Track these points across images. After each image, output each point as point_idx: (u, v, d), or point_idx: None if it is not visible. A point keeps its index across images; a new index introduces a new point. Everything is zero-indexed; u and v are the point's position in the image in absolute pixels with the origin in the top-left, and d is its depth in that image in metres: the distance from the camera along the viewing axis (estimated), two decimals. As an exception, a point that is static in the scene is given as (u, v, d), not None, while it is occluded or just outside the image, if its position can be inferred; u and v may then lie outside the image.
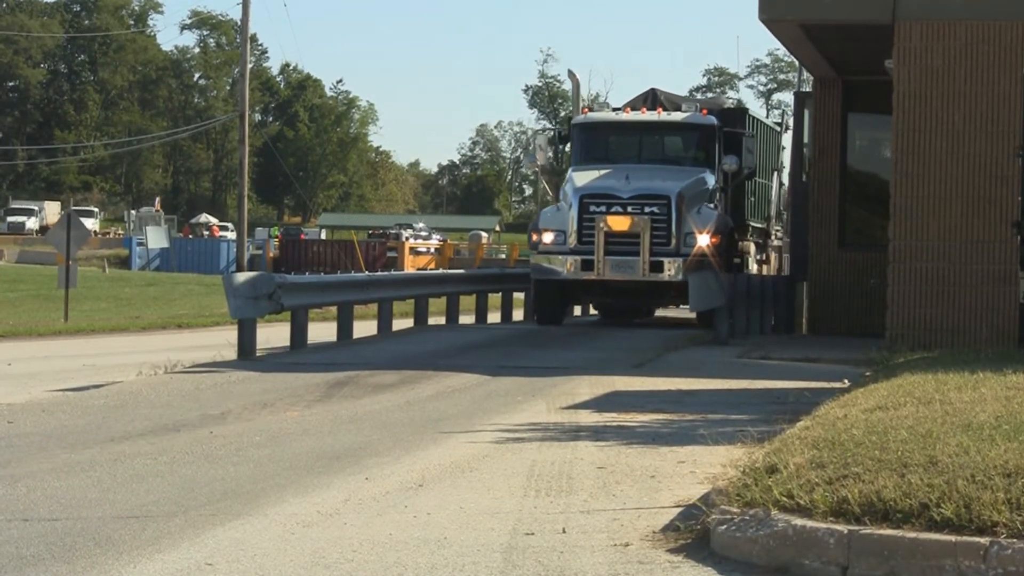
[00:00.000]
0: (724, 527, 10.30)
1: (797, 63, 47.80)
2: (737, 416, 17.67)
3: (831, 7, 28.75)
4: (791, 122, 44.67)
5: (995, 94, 26.97)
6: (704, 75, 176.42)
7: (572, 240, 35.89)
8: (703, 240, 35.52)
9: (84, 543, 10.85)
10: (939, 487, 9.87)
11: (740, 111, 43.09)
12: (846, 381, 20.42)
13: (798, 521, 9.95)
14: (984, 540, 9.32)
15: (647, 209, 35.66)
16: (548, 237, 36.35)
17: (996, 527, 9.38)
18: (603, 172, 37.47)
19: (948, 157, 27.63)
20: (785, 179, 47.57)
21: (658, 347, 29.90)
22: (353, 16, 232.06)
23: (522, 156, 46.65)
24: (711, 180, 37.83)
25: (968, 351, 21.45)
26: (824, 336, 34.34)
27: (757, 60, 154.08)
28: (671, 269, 35.59)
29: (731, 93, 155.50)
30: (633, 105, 40.66)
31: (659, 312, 44.08)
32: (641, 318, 42.06)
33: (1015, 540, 9.27)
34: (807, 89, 43.50)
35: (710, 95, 48.12)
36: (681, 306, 39.74)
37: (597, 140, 39.39)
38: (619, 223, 35.63)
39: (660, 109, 39.57)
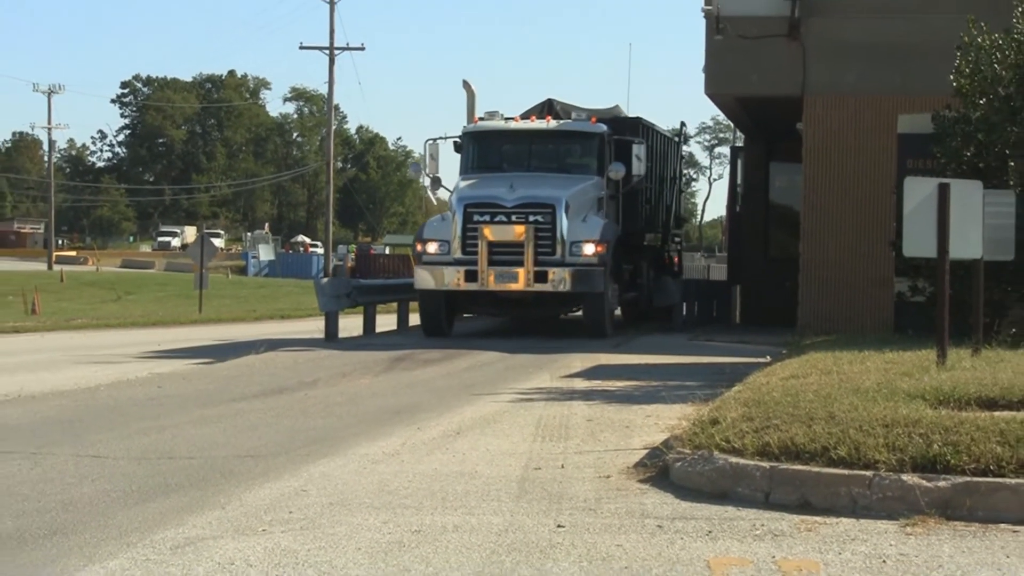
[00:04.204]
0: (679, 464, 10.29)
1: (733, 125, 47.76)
2: (689, 382, 17.67)
3: (758, 85, 28.82)
4: (726, 170, 44.31)
5: (876, 148, 26.97)
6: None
7: (456, 250, 27.03)
8: (589, 249, 27.06)
9: (213, 475, 10.88)
10: (836, 434, 9.85)
11: (633, 120, 32.97)
12: (768, 357, 20.40)
13: (733, 459, 9.94)
14: (869, 473, 9.31)
15: (531, 218, 26.88)
16: (432, 247, 27.39)
17: (877, 464, 9.37)
18: (489, 180, 28.38)
19: (843, 194, 27.66)
20: (683, 187, 42.10)
21: (631, 333, 29.89)
22: (410, 92, 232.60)
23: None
24: (599, 188, 28.92)
25: (857, 336, 21.43)
26: (753, 325, 34.38)
27: (703, 123, 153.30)
28: (556, 279, 26.87)
29: (684, 148, 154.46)
30: (530, 114, 31.69)
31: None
32: (548, 320, 32.05)
33: (891, 473, 9.26)
34: (740, 144, 43.53)
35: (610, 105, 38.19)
36: (570, 314, 31.59)
37: (487, 149, 30.09)
38: (502, 232, 26.85)
39: (549, 117, 30.92)
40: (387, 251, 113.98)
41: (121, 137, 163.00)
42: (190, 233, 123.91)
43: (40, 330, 35.42)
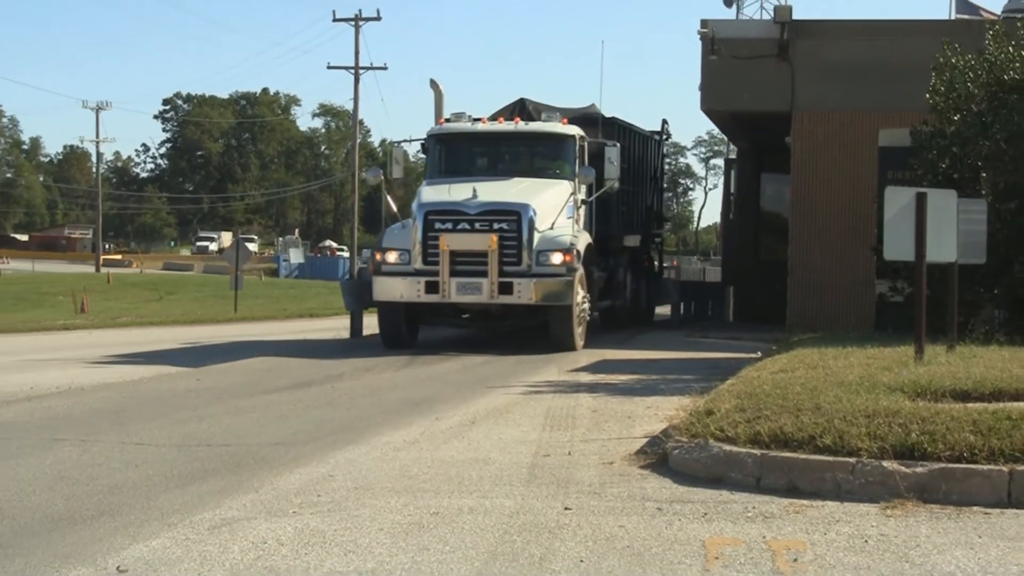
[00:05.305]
0: (677, 451, 10.29)
1: (727, 138, 47.74)
2: (686, 376, 17.63)
3: (750, 102, 28.83)
4: (721, 180, 43.96)
5: (859, 160, 26.99)
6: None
7: (417, 260, 23.46)
8: (557, 258, 23.32)
9: (247, 461, 10.89)
10: (822, 424, 9.85)
11: (608, 120, 29.18)
12: (759, 353, 20.38)
13: (727, 447, 9.94)
14: (852, 460, 9.29)
15: (496, 225, 23.18)
16: (392, 256, 23.80)
17: (860, 451, 9.36)
18: (452, 186, 24.47)
19: (828, 202, 27.63)
20: (664, 187, 38.16)
21: (632, 331, 29.83)
22: (430, 107, 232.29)
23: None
24: (570, 192, 24.81)
25: (841, 333, 21.40)
26: (745, 322, 34.32)
27: (699, 136, 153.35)
28: (521, 290, 23.19)
29: (680, 159, 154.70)
30: (502, 115, 27.83)
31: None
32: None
33: (872, 460, 9.25)
34: (733, 156, 43.51)
35: (585, 104, 30.51)
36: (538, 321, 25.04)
37: (453, 152, 26.09)
38: (465, 241, 23.24)
39: (517, 118, 26.89)
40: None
41: (163, 150, 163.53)
42: (226, 238, 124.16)
43: (88, 327, 35.47)
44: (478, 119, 26.66)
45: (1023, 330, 18.74)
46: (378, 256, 24.26)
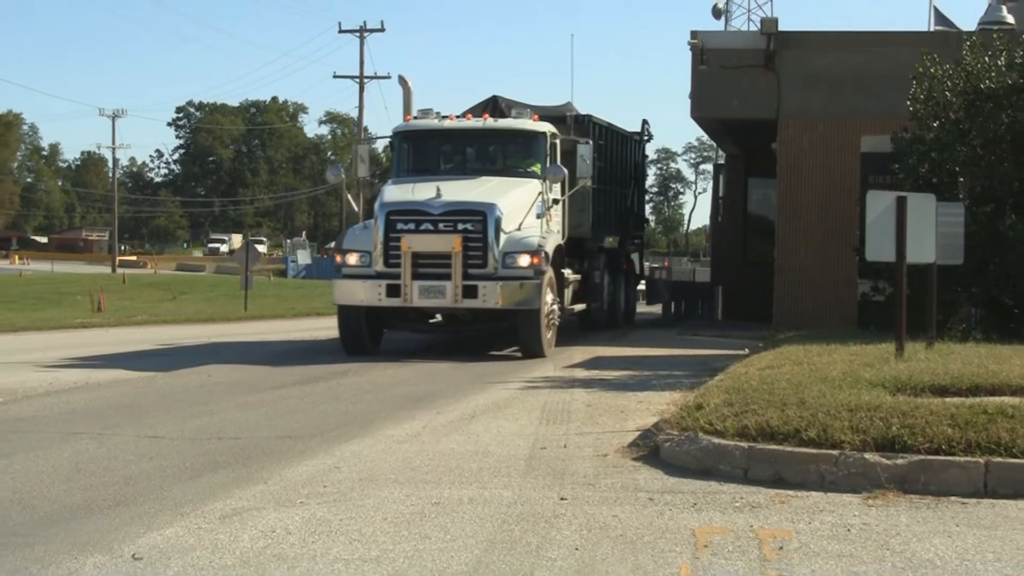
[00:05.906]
0: (668, 444, 10.29)
1: (715, 145, 47.74)
2: (677, 372, 17.65)
3: (738, 110, 28.86)
4: (710, 186, 43.75)
5: (842, 165, 26.98)
6: (655, 152, 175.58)
7: (378, 262, 21.37)
8: (524, 260, 21.27)
9: (256, 453, 10.89)
10: (806, 418, 9.85)
11: (582, 117, 27.04)
12: (747, 350, 20.38)
13: (716, 440, 9.94)
14: (835, 452, 9.30)
15: (460, 226, 21.12)
16: (352, 259, 21.69)
17: (843, 443, 9.37)
18: (416, 185, 22.33)
19: (813, 205, 27.65)
20: (645, 187, 35.68)
21: (624, 329, 29.81)
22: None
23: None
24: (540, 191, 22.62)
25: (824, 331, 21.39)
26: (734, 321, 34.31)
27: (690, 142, 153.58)
28: (487, 295, 21.06)
29: (671, 164, 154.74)
30: (474, 112, 25.57)
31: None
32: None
33: (855, 452, 9.26)
34: (722, 161, 43.50)
35: (561, 103, 28.71)
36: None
37: (419, 149, 23.98)
38: (428, 242, 21.14)
39: (486, 115, 24.86)
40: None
41: (176, 155, 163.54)
42: (237, 240, 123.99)
43: (105, 326, 35.43)
44: (446, 116, 24.33)
45: (999, 328, 18.77)
46: (338, 258, 22.30)
